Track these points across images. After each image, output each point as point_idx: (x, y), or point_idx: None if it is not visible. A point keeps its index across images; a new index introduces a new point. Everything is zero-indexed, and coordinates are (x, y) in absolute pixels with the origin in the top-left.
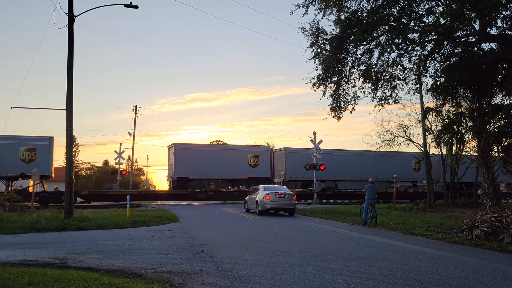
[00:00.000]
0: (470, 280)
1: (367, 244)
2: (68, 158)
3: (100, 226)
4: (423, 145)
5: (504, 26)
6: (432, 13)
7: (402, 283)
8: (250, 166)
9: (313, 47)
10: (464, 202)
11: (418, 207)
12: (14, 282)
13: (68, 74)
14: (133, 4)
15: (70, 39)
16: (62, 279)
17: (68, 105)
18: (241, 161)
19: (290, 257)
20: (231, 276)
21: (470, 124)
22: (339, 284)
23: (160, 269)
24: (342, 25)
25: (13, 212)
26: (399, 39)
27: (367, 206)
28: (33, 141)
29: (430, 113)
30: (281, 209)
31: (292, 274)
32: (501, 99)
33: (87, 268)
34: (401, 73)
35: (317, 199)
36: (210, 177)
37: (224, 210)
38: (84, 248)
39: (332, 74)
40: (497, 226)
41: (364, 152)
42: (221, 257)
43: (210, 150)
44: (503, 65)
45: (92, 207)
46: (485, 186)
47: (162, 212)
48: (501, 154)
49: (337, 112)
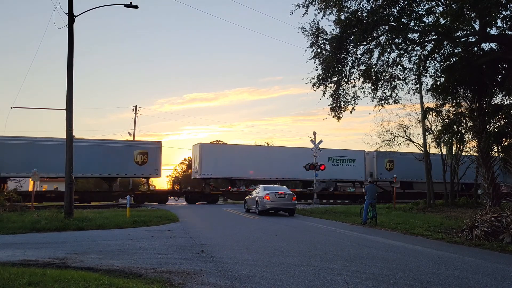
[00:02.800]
0: (470, 280)
1: (367, 244)
2: (68, 158)
3: (100, 226)
4: (423, 145)
5: (504, 26)
6: (432, 13)
7: (402, 283)
8: (137, 164)
9: (313, 47)
10: (464, 202)
11: (418, 207)
12: (14, 282)
13: (68, 74)
14: (133, 4)
15: (70, 39)
16: (62, 279)
17: (68, 105)
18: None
19: (290, 257)
20: (231, 276)
21: (470, 124)
22: (339, 284)
23: (160, 269)
24: (342, 25)
25: (13, 212)
26: (399, 39)
27: (367, 206)
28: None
29: (430, 113)
30: (281, 209)
31: (292, 274)
32: (501, 99)
33: (87, 268)
34: (401, 73)
35: (317, 199)
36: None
37: (224, 210)
38: (84, 248)
39: (332, 74)
40: (497, 226)
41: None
42: (221, 257)
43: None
44: (503, 65)
45: (92, 207)
46: (485, 186)
47: (162, 212)
48: (501, 154)
49: (337, 112)
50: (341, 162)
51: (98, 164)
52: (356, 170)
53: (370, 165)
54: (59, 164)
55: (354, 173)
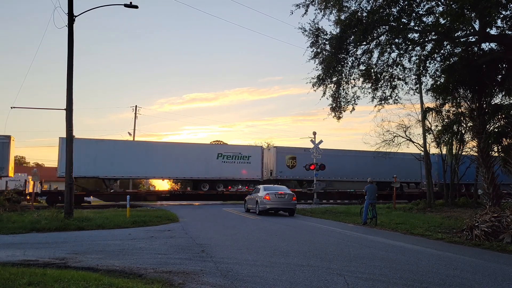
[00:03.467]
0: (470, 280)
1: (367, 244)
2: (68, 158)
3: (100, 226)
4: (423, 145)
5: (504, 26)
6: (432, 13)
7: (402, 283)
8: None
9: (313, 47)
10: (464, 202)
11: (418, 207)
12: (14, 282)
13: (68, 74)
14: (133, 4)
15: (70, 39)
16: (62, 279)
17: (68, 105)
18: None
19: (290, 257)
20: (231, 276)
21: (470, 124)
22: (339, 284)
23: (160, 269)
24: (342, 25)
25: (13, 212)
26: (399, 39)
27: (367, 206)
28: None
29: (430, 113)
30: (281, 209)
31: (292, 274)
32: (501, 99)
33: (87, 268)
34: (401, 73)
35: (317, 199)
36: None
37: (224, 210)
38: (84, 248)
39: (332, 74)
40: (497, 226)
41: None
42: (221, 257)
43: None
44: (503, 65)
45: (92, 207)
46: (485, 186)
47: (162, 212)
48: (501, 154)
49: (337, 112)
50: (233, 159)
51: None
52: (251, 167)
53: (269, 162)
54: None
55: (248, 170)
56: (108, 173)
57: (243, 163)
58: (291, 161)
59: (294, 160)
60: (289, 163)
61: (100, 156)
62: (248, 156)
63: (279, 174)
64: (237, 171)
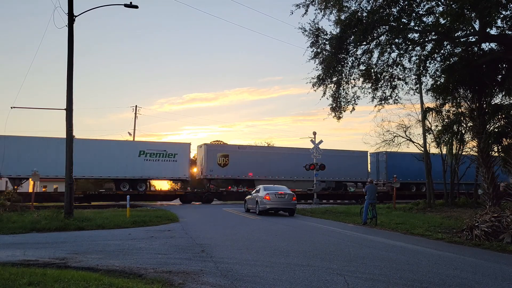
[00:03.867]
0: (470, 280)
1: (367, 244)
2: (68, 158)
3: (100, 226)
4: (423, 145)
5: (504, 26)
6: (432, 13)
7: (402, 283)
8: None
9: (313, 47)
10: (464, 202)
11: (418, 207)
12: (14, 282)
13: (68, 74)
14: (133, 4)
15: (70, 39)
16: (62, 279)
17: (68, 105)
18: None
19: (290, 257)
20: (231, 276)
21: (470, 124)
22: (339, 284)
23: (160, 269)
24: (342, 25)
25: (13, 212)
26: (399, 39)
27: (367, 206)
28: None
29: (430, 113)
30: (281, 209)
31: (292, 274)
32: (501, 99)
33: (87, 268)
34: (401, 73)
35: (317, 199)
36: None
37: (224, 210)
38: (84, 248)
39: (332, 74)
40: (497, 226)
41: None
42: (221, 257)
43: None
44: (503, 65)
45: (92, 207)
46: (485, 186)
47: (162, 212)
48: (501, 154)
49: (337, 112)
50: (158, 156)
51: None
52: (177, 166)
53: (199, 160)
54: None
55: (174, 169)
56: (14, 173)
57: (169, 161)
58: (223, 159)
59: (226, 159)
60: (221, 162)
61: (8, 154)
62: (174, 154)
63: (209, 173)
64: (162, 170)
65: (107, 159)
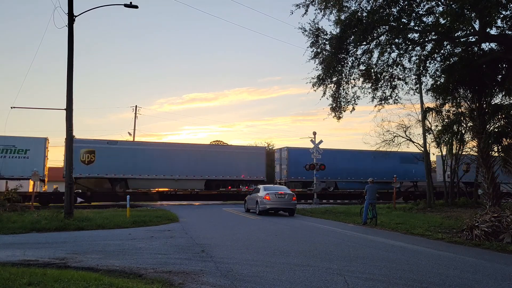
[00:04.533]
0: (470, 280)
1: (367, 244)
2: (68, 158)
3: (100, 226)
4: (423, 145)
5: (504, 26)
6: (432, 13)
7: (402, 283)
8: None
9: (313, 47)
10: (464, 202)
11: (418, 207)
12: (14, 282)
13: (68, 74)
14: (133, 4)
15: (70, 39)
16: (62, 279)
17: (68, 105)
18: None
19: (290, 257)
20: (231, 276)
21: (470, 124)
22: (339, 284)
23: (160, 269)
24: (342, 25)
25: (13, 212)
26: (399, 39)
27: (367, 206)
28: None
29: (430, 113)
30: (281, 209)
31: (292, 274)
32: (501, 99)
33: (87, 268)
34: (401, 73)
35: (317, 199)
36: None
37: (224, 210)
38: (84, 248)
39: (332, 74)
40: (497, 226)
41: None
42: (221, 257)
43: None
44: (503, 65)
45: (92, 207)
46: (485, 186)
47: (162, 212)
48: (501, 154)
49: (337, 112)
50: (4, 152)
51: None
52: (29, 163)
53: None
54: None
55: (25, 167)
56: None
57: (19, 158)
58: (87, 155)
59: (92, 155)
60: (85, 158)
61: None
62: (26, 150)
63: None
64: (10, 168)
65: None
